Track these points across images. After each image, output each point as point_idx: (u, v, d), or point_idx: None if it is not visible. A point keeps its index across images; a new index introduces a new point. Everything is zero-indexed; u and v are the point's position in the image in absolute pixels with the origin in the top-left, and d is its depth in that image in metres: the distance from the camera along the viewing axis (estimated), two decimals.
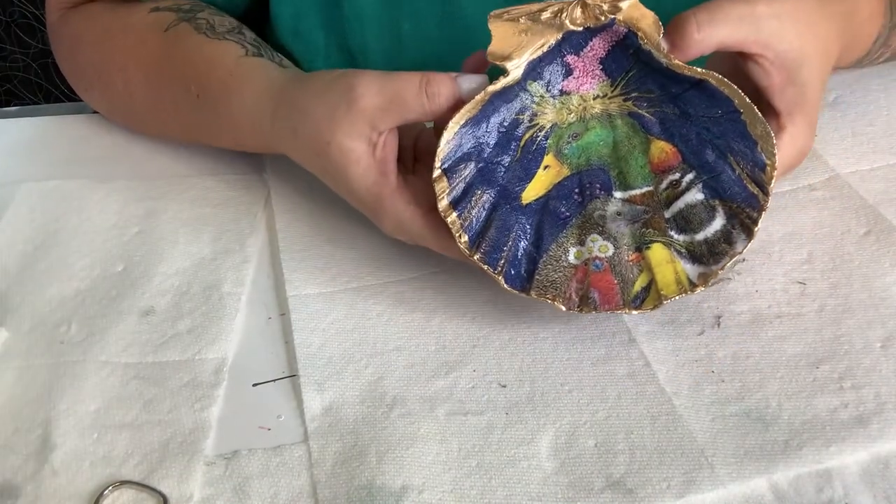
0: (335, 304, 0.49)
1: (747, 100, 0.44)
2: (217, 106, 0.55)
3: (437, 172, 0.45)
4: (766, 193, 0.44)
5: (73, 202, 0.58)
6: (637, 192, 0.46)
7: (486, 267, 0.44)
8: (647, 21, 0.45)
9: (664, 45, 0.45)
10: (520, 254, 0.45)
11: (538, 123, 0.47)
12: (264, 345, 0.48)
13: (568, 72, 0.47)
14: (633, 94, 0.47)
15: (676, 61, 0.45)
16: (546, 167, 0.46)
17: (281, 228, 0.55)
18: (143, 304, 0.50)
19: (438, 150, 0.45)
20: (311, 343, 0.47)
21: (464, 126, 0.45)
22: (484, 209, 0.45)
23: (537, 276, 0.45)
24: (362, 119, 0.46)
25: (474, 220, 0.45)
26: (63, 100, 1.55)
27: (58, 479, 0.40)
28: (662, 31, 0.45)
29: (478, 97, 0.45)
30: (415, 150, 0.51)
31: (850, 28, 0.53)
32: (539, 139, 0.46)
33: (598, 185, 0.45)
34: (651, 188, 0.45)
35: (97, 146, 0.64)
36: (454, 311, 0.49)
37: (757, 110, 0.44)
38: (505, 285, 0.44)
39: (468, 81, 0.45)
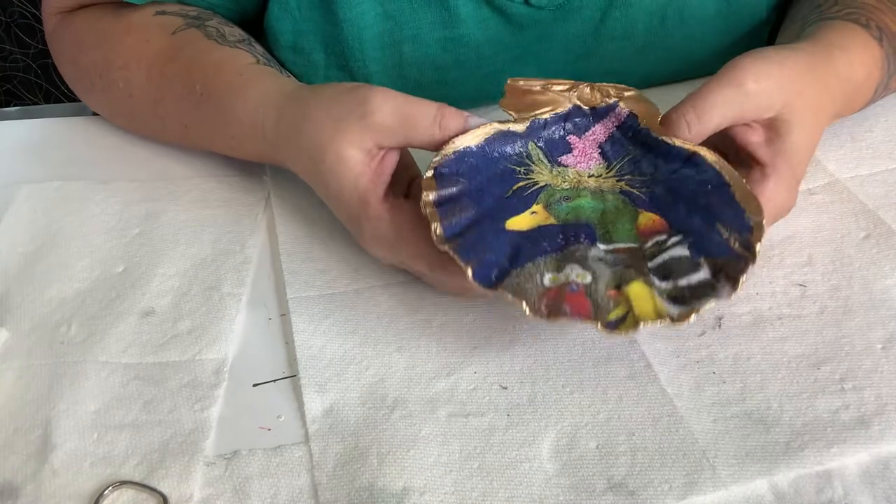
0: (336, 306, 0.49)
1: (736, 173, 0.46)
2: (220, 104, 0.55)
3: (429, 173, 0.45)
4: (753, 254, 0.42)
5: (74, 203, 0.58)
6: (621, 245, 0.45)
7: (456, 256, 0.42)
8: (647, 106, 0.50)
9: (660, 119, 0.49)
10: (493, 262, 0.43)
11: (533, 179, 0.48)
12: (264, 345, 0.48)
13: (568, 149, 0.50)
14: (627, 177, 0.48)
15: (671, 136, 0.48)
16: (534, 212, 0.46)
17: (281, 230, 0.55)
18: (143, 304, 0.50)
19: (435, 157, 0.46)
20: (312, 345, 0.47)
21: (466, 148, 0.47)
22: (465, 219, 0.45)
23: (507, 281, 0.42)
24: (370, 133, 0.47)
25: (454, 222, 0.44)
26: (63, 100, 1.55)
27: (58, 479, 0.40)
28: (660, 116, 0.49)
29: (485, 128, 0.48)
30: (409, 188, 0.51)
31: (846, 89, 0.53)
32: (531, 190, 0.47)
33: (583, 235, 0.45)
34: (636, 245, 0.45)
35: (98, 148, 0.64)
36: (455, 312, 0.49)
37: (745, 182, 0.46)
38: (472, 278, 0.42)
39: (478, 123, 0.48)
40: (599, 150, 0.50)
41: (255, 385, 0.46)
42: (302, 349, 0.47)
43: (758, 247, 0.43)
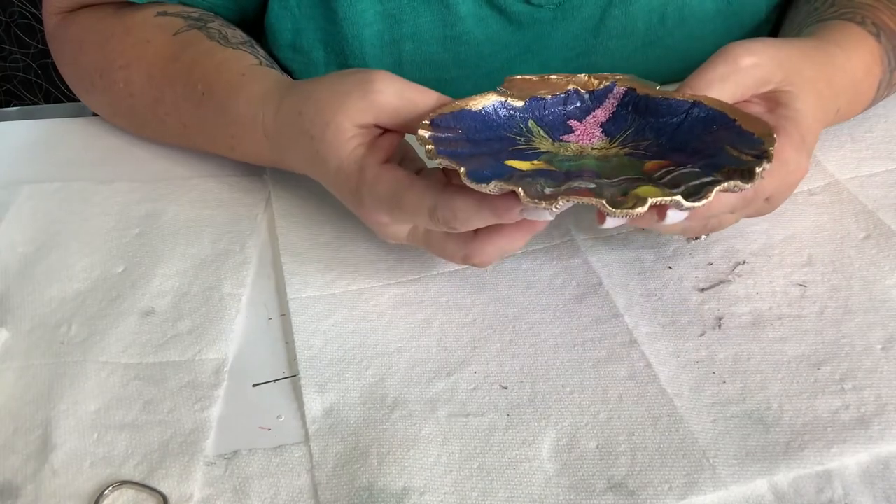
0: (336, 306, 0.49)
1: (740, 110, 0.45)
2: (221, 104, 0.55)
3: (425, 122, 0.44)
4: (769, 155, 0.41)
5: (74, 204, 0.58)
6: (626, 177, 0.43)
7: (450, 162, 0.41)
8: (643, 82, 0.50)
9: (659, 88, 0.48)
10: (488, 175, 0.41)
11: (535, 145, 0.47)
12: (264, 345, 0.48)
13: (569, 130, 0.48)
14: (631, 144, 0.47)
15: (670, 93, 0.47)
16: (535, 164, 0.45)
17: (281, 230, 0.55)
18: (143, 304, 0.50)
19: (432, 113, 0.45)
20: (312, 345, 0.47)
21: (464, 110, 0.46)
22: (461, 150, 0.43)
23: (502, 182, 0.40)
24: (372, 111, 0.46)
25: (449, 150, 0.43)
26: (63, 100, 1.55)
27: (58, 479, 0.40)
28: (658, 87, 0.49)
29: (483, 96, 0.47)
30: None
31: (844, 82, 0.53)
32: (532, 151, 0.47)
33: (586, 174, 0.44)
34: (643, 177, 0.44)
35: (98, 148, 0.64)
36: (455, 312, 0.49)
37: (750, 114, 0.45)
38: (466, 178, 0.40)
39: None
40: (602, 130, 0.49)
41: (255, 385, 0.46)
42: (302, 349, 0.47)
43: (771, 149, 0.41)
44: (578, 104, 0.50)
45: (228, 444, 0.42)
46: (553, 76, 0.50)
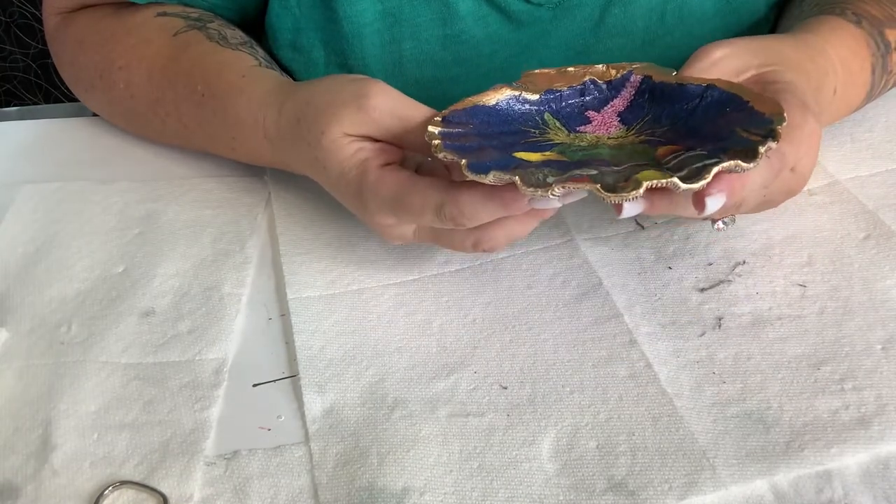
0: (336, 307, 0.49)
1: (754, 91, 0.45)
2: (222, 105, 0.55)
3: (437, 118, 0.45)
4: (775, 135, 0.41)
5: (74, 204, 0.58)
6: (635, 163, 0.43)
7: (452, 154, 0.41)
8: (660, 69, 0.49)
9: (674, 74, 0.49)
10: (491, 166, 0.41)
11: (549, 138, 0.47)
12: (264, 345, 0.48)
13: (586, 121, 0.48)
14: (647, 132, 0.47)
15: (685, 78, 0.47)
16: (546, 155, 0.45)
17: (281, 230, 0.55)
18: (143, 304, 0.50)
19: (445, 110, 0.45)
20: (312, 345, 0.47)
21: (478, 105, 0.46)
22: (469, 145, 0.43)
23: (502, 172, 0.40)
24: (365, 124, 0.47)
25: (456, 144, 0.43)
26: (63, 100, 1.54)
27: (58, 479, 0.40)
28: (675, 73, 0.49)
29: (497, 90, 0.47)
30: None
31: (829, 62, 0.53)
32: (546, 143, 0.46)
33: (595, 163, 0.43)
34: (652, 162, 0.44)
35: (98, 148, 0.64)
36: (455, 312, 0.49)
37: (763, 95, 0.45)
38: (466, 169, 0.41)
39: None
40: (619, 119, 0.49)
41: (255, 385, 0.46)
42: (302, 349, 0.47)
43: (779, 129, 0.41)
44: (596, 94, 0.49)
45: (228, 444, 0.42)
46: (570, 68, 0.50)
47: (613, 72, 0.50)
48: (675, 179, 0.39)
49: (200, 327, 0.48)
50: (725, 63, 0.48)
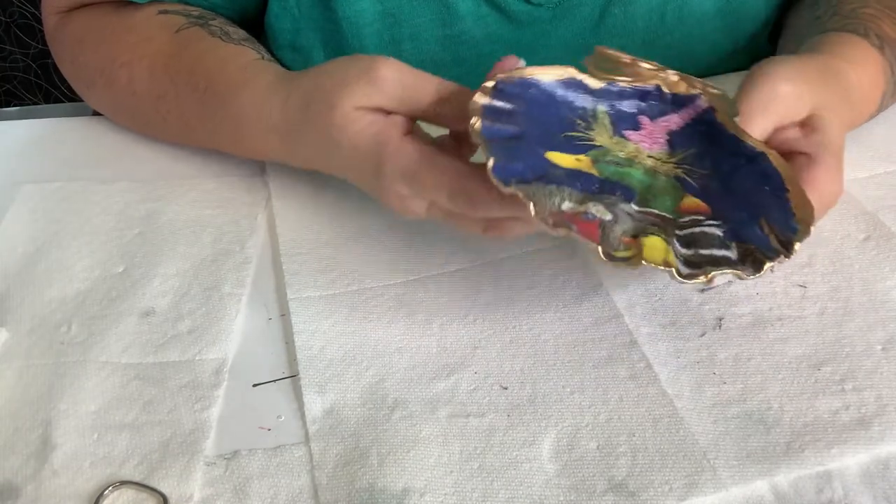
0: (336, 307, 0.49)
1: (799, 185, 0.44)
2: (225, 99, 0.55)
3: (489, 83, 0.44)
4: (789, 251, 0.41)
5: (74, 203, 0.58)
6: (655, 211, 0.43)
7: (484, 143, 0.41)
8: (727, 104, 0.47)
9: (738, 119, 0.46)
10: (517, 170, 0.41)
11: (591, 136, 0.46)
12: (264, 345, 0.48)
13: (636, 127, 0.47)
14: (686, 167, 0.46)
15: (745, 132, 0.46)
16: (578, 160, 0.44)
17: (281, 231, 0.55)
18: (143, 304, 0.50)
19: (501, 75, 0.45)
20: (312, 346, 0.47)
21: (533, 79, 0.46)
22: (507, 131, 0.43)
23: (524, 186, 0.41)
24: (376, 95, 0.46)
25: (495, 128, 0.43)
26: (63, 100, 1.54)
27: (58, 479, 0.40)
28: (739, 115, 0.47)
29: (559, 69, 0.47)
30: None
31: (854, 97, 0.53)
32: (585, 143, 0.45)
33: (620, 191, 0.43)
34: (671, 217, 0.43)
35: (98, 148, 0.64)
36: (455, 312, 0.49)
37: (804, 190, 0.44)
38: (490, 170, 0.41)
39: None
40: (667, 138, 0.47)
41: (255, 385, 0.46)
42: (302, 349, 0.47)
43: (797, 246, 0.41)
44: (656, 103, 0.48)
45: (228, 444, 0.42)
46: (645, 64, 0.49)
47: (684, 86, 0.48)
48: (673, 270, 0.39)
49: (200, 327, 0.48)
50: (788, 102, 0.47)
